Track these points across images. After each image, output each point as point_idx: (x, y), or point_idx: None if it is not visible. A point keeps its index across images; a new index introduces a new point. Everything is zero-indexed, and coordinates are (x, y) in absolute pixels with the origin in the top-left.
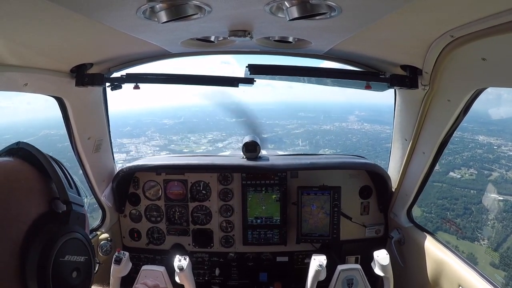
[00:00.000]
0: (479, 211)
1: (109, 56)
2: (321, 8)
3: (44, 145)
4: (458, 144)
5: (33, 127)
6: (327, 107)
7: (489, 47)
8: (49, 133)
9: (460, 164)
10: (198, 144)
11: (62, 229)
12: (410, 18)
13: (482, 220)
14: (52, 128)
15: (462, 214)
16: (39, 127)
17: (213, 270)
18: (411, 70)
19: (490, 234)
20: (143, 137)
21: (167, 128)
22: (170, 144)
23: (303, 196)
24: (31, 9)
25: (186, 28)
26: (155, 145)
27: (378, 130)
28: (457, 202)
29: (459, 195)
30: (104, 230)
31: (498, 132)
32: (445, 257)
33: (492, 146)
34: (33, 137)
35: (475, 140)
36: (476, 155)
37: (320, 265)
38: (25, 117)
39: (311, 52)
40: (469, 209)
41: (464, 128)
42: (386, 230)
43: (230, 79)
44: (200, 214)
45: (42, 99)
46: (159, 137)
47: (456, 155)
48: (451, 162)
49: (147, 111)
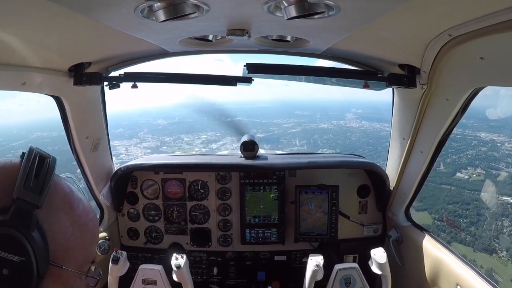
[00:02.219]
0: (493, 216)
1: (107, 55)
2: (319, 7)
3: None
4: (461, 142)
5: (25, 129)
6: (323, 105)
7: (487, 46)
8: (41, 135)
9: (466, 164)
10: (191, 145)
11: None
12: (408, 17)
13: (497, 228)
14: (44, 130)
15: (476, 222)
16: (32, 129)
17: (211, 269)
18: (409, 69)
19: (509, 244)
20: (135, 139)
21: (160, 129)
22: (162, 145)
23: (301, 195)
24: (29, 7)
25: (184, 27)
26: (147, 147)
27: (377, 128)
28: (469, 208)
29: (470, 199)
30: (102, 229)
31: (498, 128)
32: (443, 256)
33: (496, 143)
34: (25, 139)
35: (477, 137)
36: (481, 153)
37: (317, 265)
38: (18, 119)
39: (309, 51)
40: (483, 215)
41: (465, 125)
42: (384, 229)
43: (228, 78)
44: (198, 213)
45: (34, 101)
46: (151, 138)
47: (461, 153)
48: (456, 162)
49: (141, 111)
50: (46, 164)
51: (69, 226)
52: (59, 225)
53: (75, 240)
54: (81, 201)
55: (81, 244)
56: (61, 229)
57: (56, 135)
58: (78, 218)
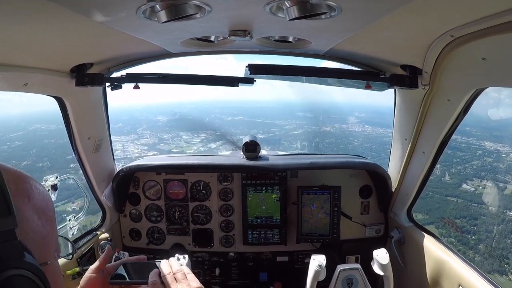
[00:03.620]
0: (502, 234)
1: (109, 56)
2: (321, 8)
3: (31, 141)
4: (466, 152)
5: (25, 120)
6: (325, 107)
7: (489, 47)
8: (39, 128)
9: (471, 175)
10: (189, 143)
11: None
12: (410, 18)
13: (507, 247)
14: (43, 123)
15: (484, 239)
16: (31, 121)
17: (213, 270)
18: (411, 70)
19: None
20: (133, 135)
21: (160, 125)
22: (160, 143)
23: (303, 196)
24: (31, 9)
25: (186, 28)
26: (144, 144)
27: (380, 134)
28: (476, 223)
29: (477, 213)
30: (104, 230)
31: (502, 138)
32: (445, 257)
33: (500, 154)
34: (23, 131)
35: (481, 147)
36: (487, 164)
37: (319, 265)
38: (19, 109)
39: (311, 52)
40: (491, 231)
41: (468, 133)
42: (386, 230)
43: (230, 79)
44: (200, 214)
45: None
46: (149, 135)
47: (466, 164)
48: (462, 172)
49: (143, 106)
50: None
51: (36, 220)
52: (31, 226)
53: (45, 229)
54: (29, 180)
55: (51, 228)
56: (34, 230)
57: (55, 128)
58: (38, 203)
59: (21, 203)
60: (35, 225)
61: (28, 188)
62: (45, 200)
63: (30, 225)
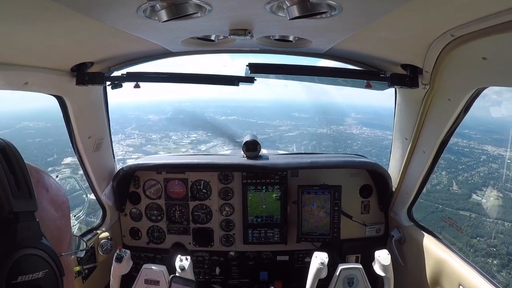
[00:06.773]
0: None
1: (110, 55)
2: (322, 7)
3: (15, 140)
4: (471, 157)
5: (15, 118)
6: (322, 108)
7: (490, 46)
8: (27, 126)
9: (480, 184)
10: (178, 144)
11: (8, 249)
12: (410, 17)
13: None
14: (32, 120)
15: (507, 264)
16: (20, 118)
17: (214, 269)
18: (412, 69)
19: None
20: (120, 135)
21: (150, 125)
22: (147, 143)
23: (303, 195)
24: (32, 8)
25: (187, 27)
26: (130, 145)
27: (379, 136)
28: (497, 244)
29: (494, 230)
30: (104, 229)
31: (502, 142)
32: (445, 256)
33: (505, 159)
34: (9, 129)
35: (485, 151)
36: (493, 171)
37: (321, 262)
38: (11, 106)
39: (312, 51)
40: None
41: (468, 136)
42: (386, 229)
43: (231, 78)
44: (200, 213)
45: None
46: (137, 135)
47: (472, 171)
48: (470, 181)
49: (135, 104)
50: (12, 154)
51: (53, 212)
52: (47, 215)
53: (61, 222)
54: (47, 176)
55: (66, 223)
56: (50, 219)
57: (42, 126)
58: (55, 197)
59: (40, 194)
60: (52, 215)
61: (46, 181)
62: (61, 195)
63: (47, 214)
